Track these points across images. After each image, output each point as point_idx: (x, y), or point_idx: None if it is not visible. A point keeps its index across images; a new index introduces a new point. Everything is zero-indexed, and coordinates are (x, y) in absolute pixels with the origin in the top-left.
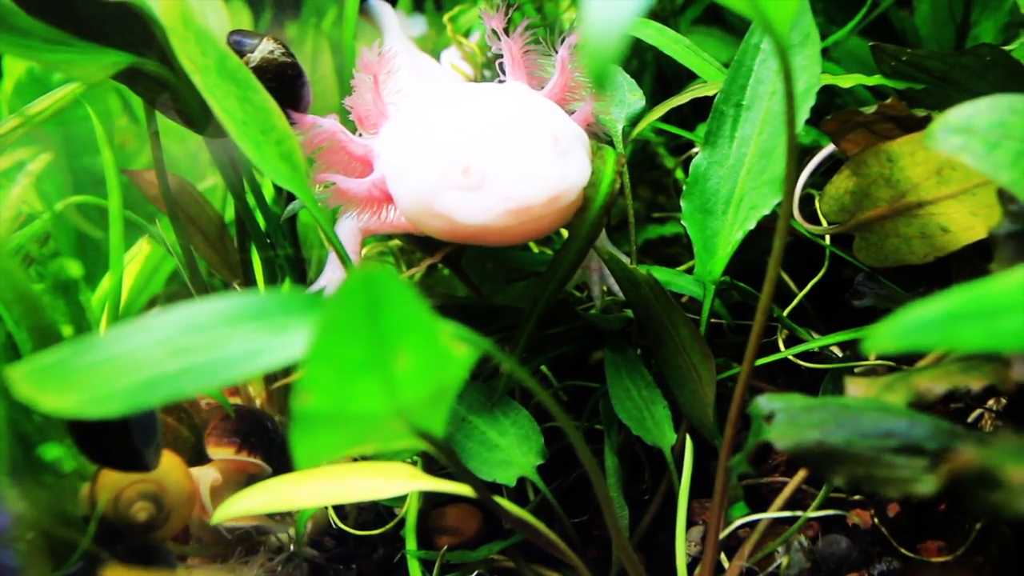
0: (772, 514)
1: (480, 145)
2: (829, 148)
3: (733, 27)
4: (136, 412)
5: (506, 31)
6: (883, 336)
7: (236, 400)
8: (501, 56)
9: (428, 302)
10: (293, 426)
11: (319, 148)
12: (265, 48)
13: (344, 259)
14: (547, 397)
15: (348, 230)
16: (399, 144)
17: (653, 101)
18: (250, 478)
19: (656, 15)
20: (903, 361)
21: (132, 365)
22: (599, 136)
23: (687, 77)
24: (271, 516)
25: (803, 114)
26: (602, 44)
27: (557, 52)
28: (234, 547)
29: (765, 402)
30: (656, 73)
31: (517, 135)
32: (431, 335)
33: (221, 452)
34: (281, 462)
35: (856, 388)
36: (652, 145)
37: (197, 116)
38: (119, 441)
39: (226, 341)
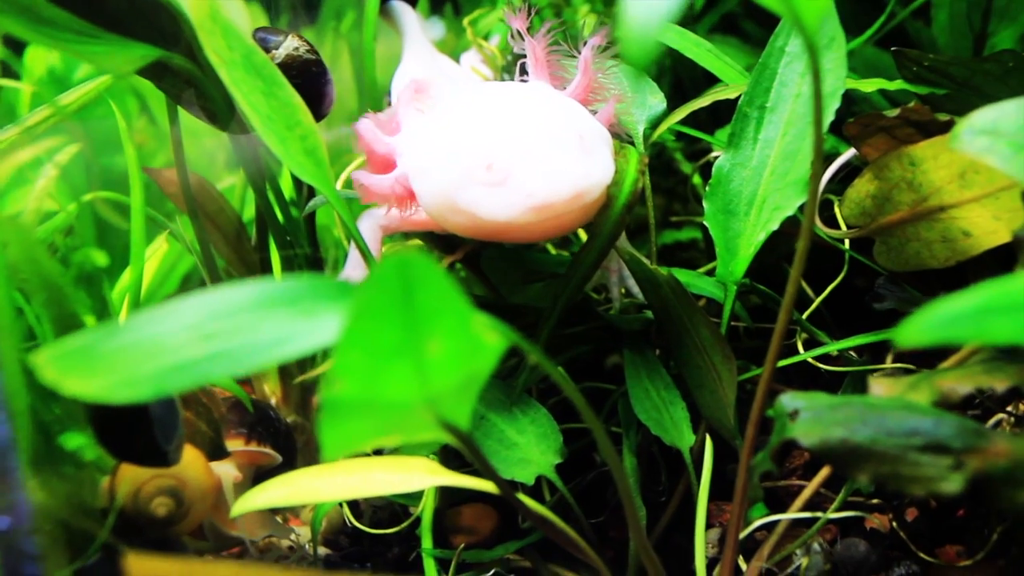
0: (791, 515)
1: (505, 141)
2: (848, 154)
3: (749, 35)
4: (158, 407)
5: (529, 32)
6: (915, 330)
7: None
8: (523, 57)
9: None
10: (322, 414)
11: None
12: (290, 45)
13: (366, 256)
14: (574, 392)
15: (368, 228)
16: (423, 140)
17: (671, 106)
18: (259, 469)
19: (675, 22)
20: (924, 364)
21: (159, 349)
22: (620, 137)
23: (705, 83)
24: (284, 519)
25: (829, 115)
26: (642, 34)
27: (580, 53)
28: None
29: (789, 400)
30: (674, 79)
31: (542, 132)
32: (464, 321)
33: (231, 444)
34: (286, 452)
35: (880, 387)
36: (669, 151)
37: (221, 112)
38: (141, 436)
39: (255, 326)
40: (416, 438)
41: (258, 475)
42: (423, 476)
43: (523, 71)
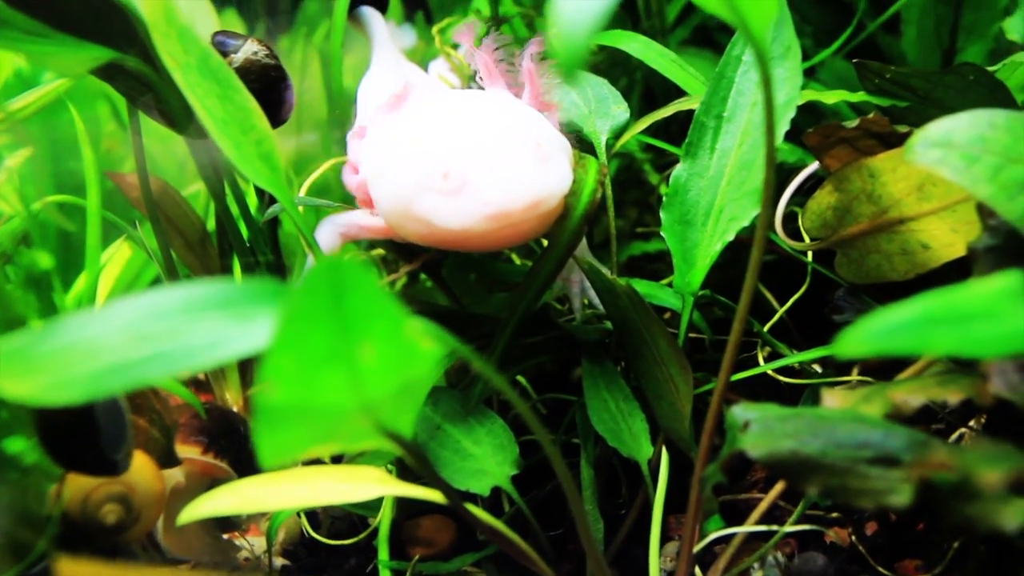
0: (747, 528)
1: (461, 149)
2: (813, 166)
3: (722, 48)
4: (105, 414)
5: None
6: (854, 340)
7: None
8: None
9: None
10: (256, 420)
11: None
12: (249, 49)
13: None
14: (523, 406)
15: (327, 235)
16: (380, 147)
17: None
18: (213, 483)
19: (646, 33)
20: (883, 377)
21: (94, 351)
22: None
23: (675, 95)
24: (244, 529)
25: (783, 125)
26: (572, 37)
27: (522, 64)
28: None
29: (740, 411)
30: (644, 91)
31: (499, 140)
32: (396, 326)
33: (187, 451)
34: (251, 470)
35: (832, 399)
36: (638, 162)
37: (179, 116)
38: (87, 445)
39: (190, 329)
40: (357, 446)
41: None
42: (373, 486)
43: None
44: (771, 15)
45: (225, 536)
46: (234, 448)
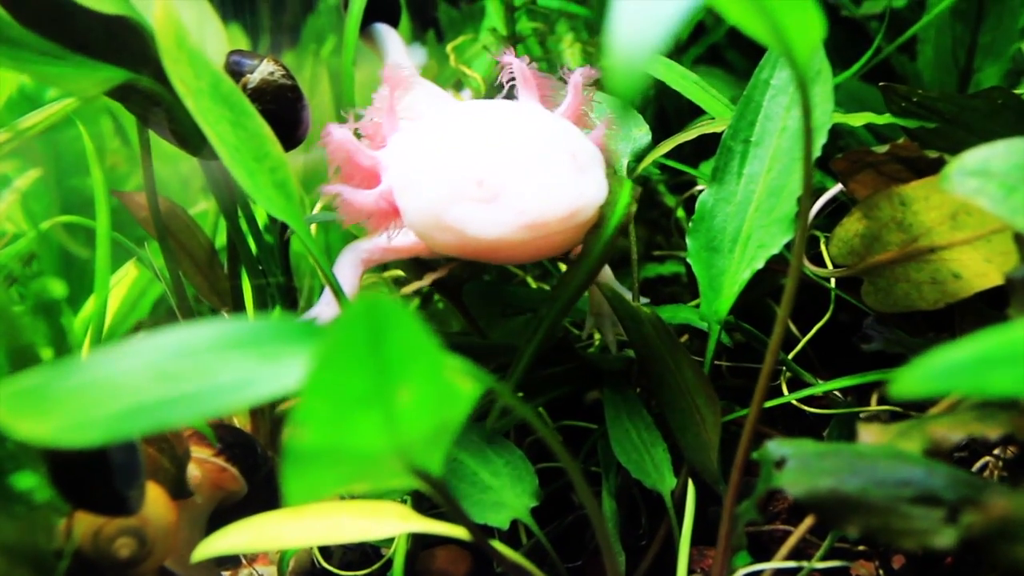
0: (776, 564)
1: (496, 157)
2: (835, 189)
3: (734, 67)
4: (120, 454)
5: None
6: (911, 380)
7: None
8: (511, 81)
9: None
10: (285, 462)
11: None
12: (265, 69)
13: (338, 293)
14: (549, 434)
15: (349, 262)
16: (410, 155)
17: (655, 137)
18: (225, 498)
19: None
20: (911, 408)
21: (116, 391)
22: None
23: (689, 114)
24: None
25: (816, 150)
26: (628, 66)
27: (568, 78)
28: None
29: (775, 447)
30: (657, 110)
31: (534, 149)
32: (436, 368)
33: (199, 451)
34: (261, 495)
35: (869, 435)
36: (652, 183)
37: (191, 136)
38: (100, 482)
39: (217, 368)
40: (386, 485)
41: (220, 510)
42: (395, 522)
43: (510, 95)
44: (816, 40)
45: (224, 574)
46: (248, 464)
